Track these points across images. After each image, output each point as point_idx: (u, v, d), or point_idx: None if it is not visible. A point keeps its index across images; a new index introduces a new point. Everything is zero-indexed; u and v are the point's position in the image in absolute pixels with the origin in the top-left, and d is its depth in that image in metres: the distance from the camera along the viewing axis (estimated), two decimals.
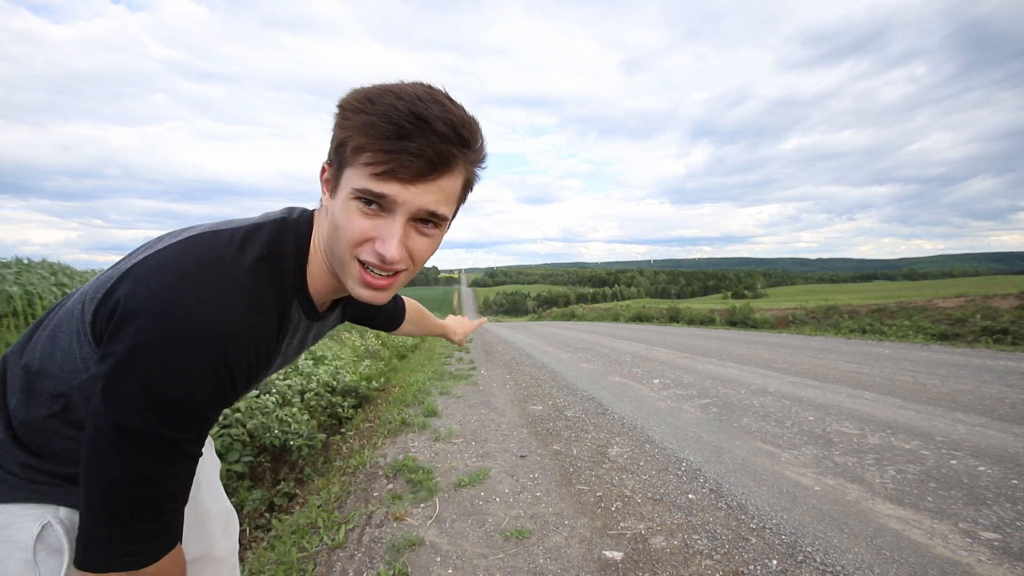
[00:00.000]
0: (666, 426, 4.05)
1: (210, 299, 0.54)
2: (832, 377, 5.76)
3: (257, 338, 0.59)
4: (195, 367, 0.53)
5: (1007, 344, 7.86)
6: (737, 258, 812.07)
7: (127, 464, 0.53)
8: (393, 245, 0.58)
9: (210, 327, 0.53)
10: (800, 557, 2.08)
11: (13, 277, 6.08)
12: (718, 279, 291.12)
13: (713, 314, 16.62)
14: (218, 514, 0.96)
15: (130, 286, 0.55)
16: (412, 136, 0.55)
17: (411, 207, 0.59)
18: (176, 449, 0.55)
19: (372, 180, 0.57)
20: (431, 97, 0.58)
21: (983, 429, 3.57)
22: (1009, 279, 39.69)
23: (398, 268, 0.62)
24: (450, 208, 0.63)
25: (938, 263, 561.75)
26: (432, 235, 0.64)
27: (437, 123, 0.56)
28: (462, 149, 0.60)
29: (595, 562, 2.13)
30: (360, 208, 0.58)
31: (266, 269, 0.62)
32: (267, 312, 0.61)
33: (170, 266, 0.56)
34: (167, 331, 0.51)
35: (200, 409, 0.55)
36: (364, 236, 0.59)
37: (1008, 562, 1.98)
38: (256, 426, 4.00)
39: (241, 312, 0.57)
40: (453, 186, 0.62)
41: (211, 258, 0.58)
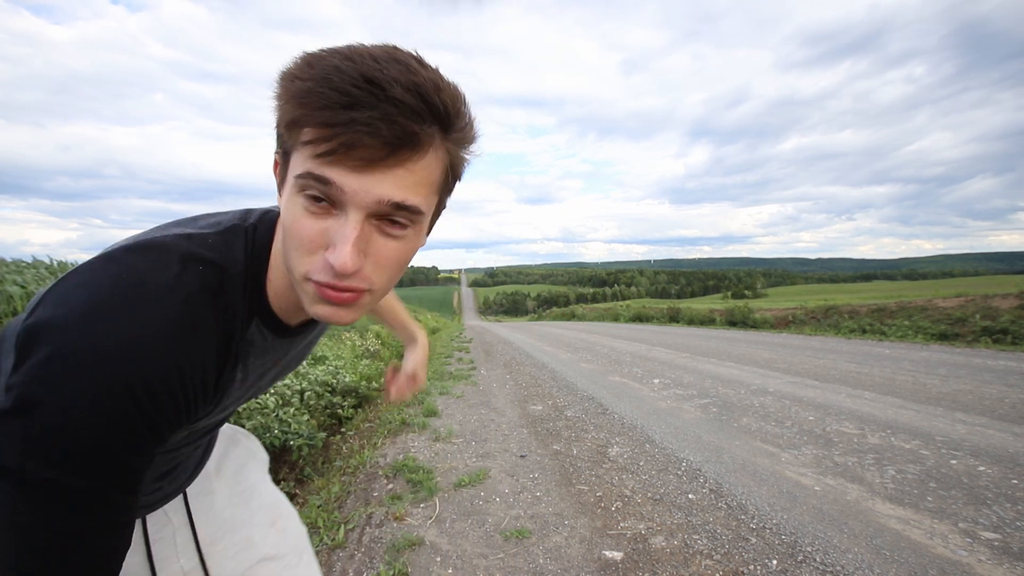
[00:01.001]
0: (666, 426, 4.05)
1: (127, 326, 0.43)
2: (832, 377, 5.76)
3: (186, 371, 0.46)
4: (104, 404, 0.41)
5: (1007, 344, 7.86)
6: (737, 258, 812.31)
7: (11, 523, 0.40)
8: (346, 251, 0.44)
9: (125, 358, 0.42)
10: (800, 557, 2.08)
11: (12, 277, 6.08)
12: (718, 279, 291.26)
13: (713, 314, 16.62)
14: (260, 508, 0.87)
15: (43, 309, 0.45)
16: (362, 105, 0.41)
17: (367, 199, 0.44)
18: (76, 503, 0.41)
19: (312, 160, 0.44)
20: (390, 56, 0.44)
21: (983, 429, 3.57)
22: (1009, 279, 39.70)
23: (355, 286, 0.48)
24: (424, 197, 0.47)
25: (938, 263, 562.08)
26: (402, 236, 0.48)
27: (395, 87, 0.42)
28: (432, 122, 0.45)
29: (595, 562, 2.13)
30: (306, 206, 0.45)
31: (206, 289, 0.50)
32: (203, 339, 0.48)
33: (88, 285, 0.45)
34: (72, 362, 0.41)
35: (111, 452, 0.42)
36: (313, 241, 0.46)
37: (1008, 562, 1.98)
38: (256, 426, 4.00)
39: (166, 342, 0.45)
40: (425, 170, 0.46)
41: (135, 276, 0.46)
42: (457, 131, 0.48)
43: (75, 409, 0.41)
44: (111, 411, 0.42)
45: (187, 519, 0.77)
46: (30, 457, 0.40)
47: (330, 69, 0.42)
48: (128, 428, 0.43)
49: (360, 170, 0.43)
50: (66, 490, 0.41)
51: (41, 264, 8.11)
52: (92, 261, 0.49)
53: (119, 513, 0.45)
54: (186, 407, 0.48)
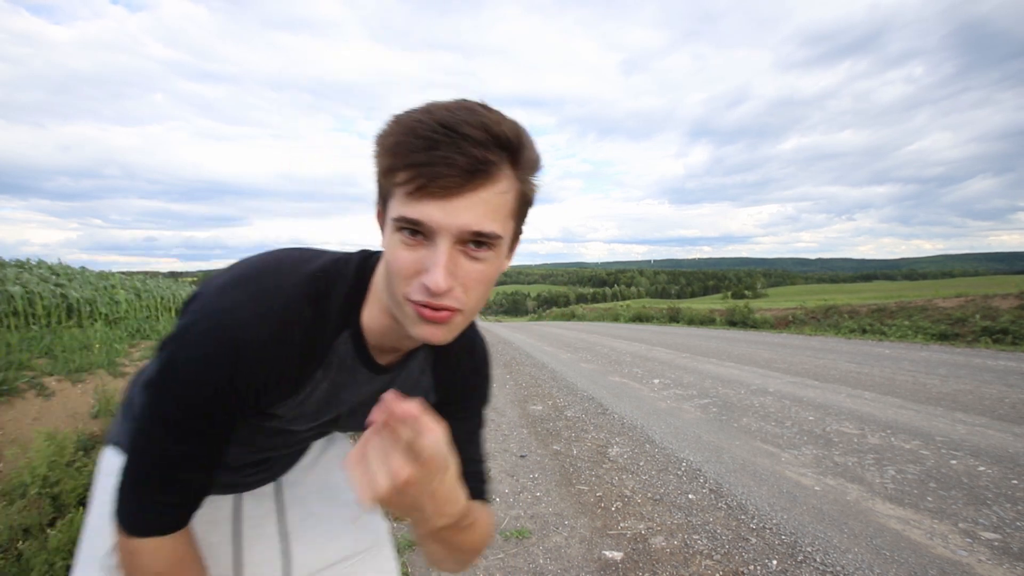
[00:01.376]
0: (666, 426, 4.05)
1: (243, 303, 0.58)
2: (832, 377, 5.76)
3: (270, 349, 0.58)
4: (203, 352, 0.56)
5: (1007, 344, 7.86)
6: (737, 258, 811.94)
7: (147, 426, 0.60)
8: (438, 273, 0.51)
9: (226, 323, 0.57)
10: (800, 557, 2.08)
11: (14, 277, 6.08)
12: (718, 279, 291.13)
13: (713, 314, 16.62)
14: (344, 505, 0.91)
15: (198, 287, 0.63)
16: (441, 146, 0.49)
17: (452, 228, 0.52)
18: (178, 423, 0.58)
19: (407, 204, 0.52)
20: (460, 106, 0.52)
21: (983, 429, 3.57)
22: (1009, 279, 39.68)
23: (448, 305, 0.54)
24: (500, 224, 0.54)
25: (938, 263, 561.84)
26: (484, 258, 0.55)
27: (465, 127, 0.50)
28: (501, 152, 0.52)
29: (595, 562, 2.13)
30: (403, 240, 0.54)
31: (313, 290, 0.61)
32: (293, 329, 0.59)
33: (231, 270, 0.63)
34: (199, 318, 0.58)
35: (202, 390, 0.57)
36: (409, 269, 0.54)
37: (1008, 562, 1.98)
38: None
39: (267, 321, 0.57)
40: (500, 199, 0.53)
41: (275, 267, 0.62)
42: (522, 159, 0.55)
43: (189, 355, 0.57)
44: (209, 361, 0.56)
45: (276, 506, 0.86)
46: (160, 385, 0.58)
47: (413, 123, 0.51)
48: (215, 377, 0.57)
49: (443, 199, 0.51)
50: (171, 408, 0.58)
51: (44, 265, 8.11)
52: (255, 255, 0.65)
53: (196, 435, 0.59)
54: (264, 377, 0.59)
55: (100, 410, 3.81)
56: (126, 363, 4.78)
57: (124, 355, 5.06)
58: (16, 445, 3.19)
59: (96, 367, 4.40)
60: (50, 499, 2.88)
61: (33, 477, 2.83)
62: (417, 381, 0.75)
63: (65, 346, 4.81)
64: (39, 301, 6.01)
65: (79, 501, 2.93)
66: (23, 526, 2.66)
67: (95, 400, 3.89)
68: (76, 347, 4.86)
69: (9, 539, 2.56)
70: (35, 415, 3.53)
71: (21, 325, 5.66)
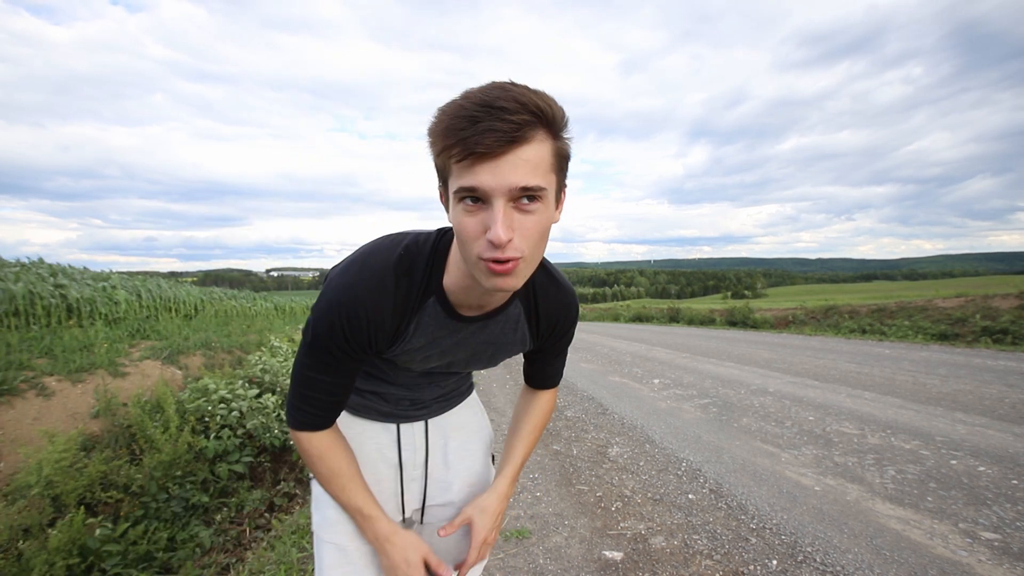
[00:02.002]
0: (666, 426, 4.05)
1: (353, 279, 0.78)
2: (832, 377, 5.76)
3: (370, 311, 0.78)
4: (330, 316, 0.78)
5: (1007, 344, 7.86)
6: (737, 258, 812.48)
7: (301, 361, 0.84)
8: (499, 228, 0.62)
9: (343, 295, 0.78)
10: (800, 557, 2.08)
11: (14, 277, 6.07)
12: (718, 279, 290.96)
13: (713, 314, 16.62)
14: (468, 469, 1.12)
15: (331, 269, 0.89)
16: (482, 119, 0.60)
17: (502, 188, 0.62)
18: (319, 361, 0.82)
19: (463, 175, 0.63)
20: (495, 86, 0.63)
21: (983, 429, 3.57)
22: (1009, 279, 39.66)
23: (511, 256, 0.65)
24: (543, 178, 0.64)
25: (938, 263, 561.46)
26: (535, 210, 0.66)
27: (501, 101, 0.60)
28: (532, 117, 0.62)
29: (595, 562, 2.13)
30: (464, 208, 0.65)
31: (401, 266, 0.79)
32: (385, 295, 0.78)
33: (359, 250, 0.83)
34: (327, 292, 0.80)
35: (331, 340, 0.80)
36: (475, 231, 0.65)
37: (1008, 562, 1.98)
38: (256, 426, 3.99)
39: (367, 290, 0.78)
40: (537, 155, 0.63)
41: (375, 250, 0.81)
42: (552, 121, 0.65)
43: (319, 318, 0.79)
44: (333, 321, 0.78)
45: (425, 442, 1.09)
46: (307, 335, 0.82)
47: (456, 108, 0.62)
48: (338, 331, 0.78)
49: (491, 162, 0.61)
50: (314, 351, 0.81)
51: (44, 265, 8.11)
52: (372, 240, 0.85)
53: (332, 371, 0.83)
54: (370, 334, 0.80)
55: (100, 410, 3.81)
56: (126, 363, 4.78)
57: (124, 355, 5.06)
58: (16, 445, 3.19)
59: (96, 367, 4.40)
60: (50, 499, 2.88)
61: (38, 478, 2.83)
62: (512, 331, 0.91)
63: (65, 346, 4.81)
64: (39, 301, 6.01)
65: (79, 501, 2.93)
66: (23, 526, 2.66)
67: (95, 400, 3.89)
68: (76, 347, 4.86)
69: (9, 539, 2.56)
70: (35, 415, 3.53)
71: (21, 325, 5.66)
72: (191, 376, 5.07)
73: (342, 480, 0.89)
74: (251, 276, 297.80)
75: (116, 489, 3.10)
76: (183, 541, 3.03)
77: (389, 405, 1.03)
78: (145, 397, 4.05)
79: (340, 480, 0.89)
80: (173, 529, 3.09)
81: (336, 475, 0.88)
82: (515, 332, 0.91)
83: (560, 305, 0.92)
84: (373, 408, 1.03)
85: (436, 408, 1.09)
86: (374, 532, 0.90)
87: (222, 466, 3.62)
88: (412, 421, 1.08)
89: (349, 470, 0.90)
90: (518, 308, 0.88)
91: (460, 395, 1.14)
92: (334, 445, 0.89)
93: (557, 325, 0.94)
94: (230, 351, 6.41)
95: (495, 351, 0.93)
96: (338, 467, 0.89)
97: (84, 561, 2.58)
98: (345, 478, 0.89)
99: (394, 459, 1.05)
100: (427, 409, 1.08)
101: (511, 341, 0.92)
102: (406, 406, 1.04)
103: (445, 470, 1.10)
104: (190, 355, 5.68)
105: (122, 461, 3.31)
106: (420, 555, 0.91)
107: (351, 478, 0.90)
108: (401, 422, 1.07)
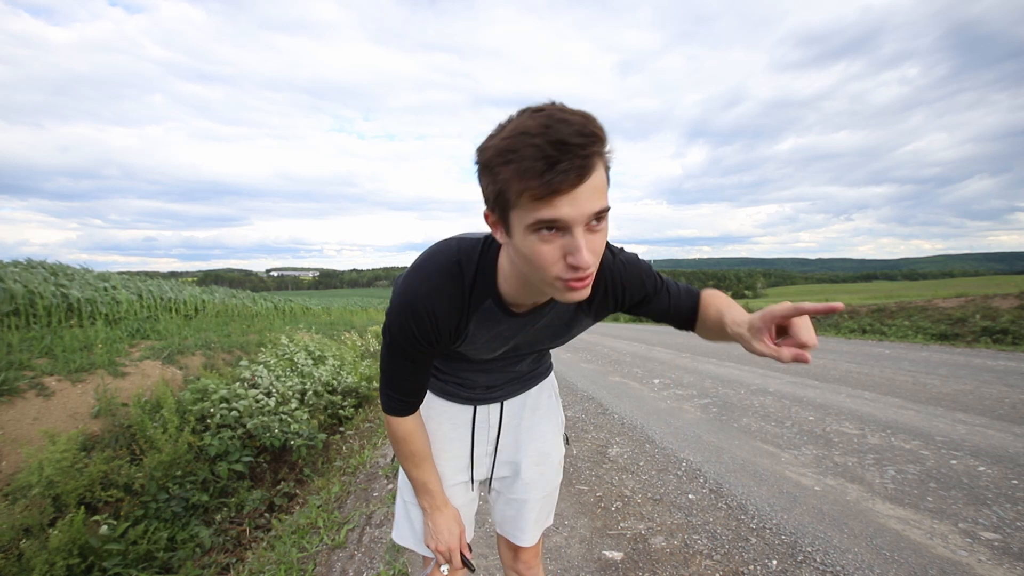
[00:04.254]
0: (666, 426, 4.05)
1: (415, 285, 0.88)
2: (832, 377, 5.76)
3: (431, 311, 0.87)
4: (399, 317, 0.89)
5: (1007, 344, 7.85)
6: (736, 258, 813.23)
7: (384, 356, 0.98)
8: (584, 255, 0.68)
9: (407, 299, 0.88)
10: (800, 557, 2.09)
11: (14, 276, 6.07)
12: (718, 279, 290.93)
13: None
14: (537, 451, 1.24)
15: (400, 275, 0.98)
16: (559, 159, 0.63)
17: (582, 218, 0.67)
18: (396, 355, 0.95)
19: (540, 208, 0.66)
20: (558, 118, 0.65)
21: (983, 429, 3.57)
22: (1009, 279, 39.65)
23: (589, 273, 0.72)
24: (606, 198, 0.70)
25: (938, 263, 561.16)
26: (602, 228, 0.72)
27: (573, 138, 0.63)
28: (597, 147, 0.66)
29: (595, 562, 2.13)
30: (540, 237, 0.69)
31: (454, 272, 0.88)
32: (443, 298, 0.87)
33: (418, 259, 0.93)
34: (396, 297, 0.91)
35: (403, 338, 0.90)
36: (552, 257, 0.70)
37: (1008, 562, 1.98)
38: (256, 426, 3.99)
39: (428, 294, 0.87)
40: (600, 179, 0.69)
41: (430, 258, 0.91)
42: (604, 143, 0.69)
43: (393, 318, 0.90)
44: (402, 323, 0.89)
45: (499, 421, 1.22)
46: (385, 336, 0.94)
47: (531, 150, 0.64)
48: (408, 330, 0.89)
49: (568, 198, 0.65)
50: (392, 348, 0.94)
51: (45, 265, 8.12)
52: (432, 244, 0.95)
53: (408, 363, 0.95)
54: (434, 331, 0.89)
55: (100, 410, 3.81)
56: (126, 363, 4.78)
57: (124, 355, 5.06)
58: (17, 445, 3.19)
59: (96, 367, 4.40)
60: (51, 499, 2.88)
61: (39, 478, 2.83)
62: (562, 314, 0.98)
63: (65, 346, 4.81)
64: (39, 301, 6.01)
65: (79, 501, 2.93)
66: (24, 526, 2.66)
67: (95, 400, 3.89)
68: (76, 347, 4.86)
69: (10, 539, 2.56)
70: (35, 415, 3.53)
71: (22, 325, 5.66)
72: (191, 376, 5.08)
73: (417, 459, 1.07)
74: (251, 276, 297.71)
75: (116, 489, 3.10)
76: (183, 541, 3.03)
77: (467, 390, 1.16)
78: (145, 397, 4.06)
79: (415, 459, 1.06)
80: (173, 529, 3.10)
81: (414, 455, 1.06)
82: (571, 315, 1.01)
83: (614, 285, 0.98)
84: (454, 394, 1.17)
85: (510, 390, 1.21)
86: (431, 502, 1.09)
87: (222, 466, 3.62)
88: (488, 403, 1.20)
89: (423, 452, 1.07)
90: None
91: (535, 378, 1.25)
92: (416, 431, 1.05)
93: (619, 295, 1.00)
94: (230, 351, 6.41)
95: (554, 333, 1.04)
96: (417, 449, 1.06)
97: (84, 561, 2.58)
98: (419, 458, 1.07)
99: (467, 436, 1.19)
100: (501, 391, 1.19)
101: (569, 322, 1.02)
102: (483, 390, 1.17)
103: (515, 449, 1.23)
104: (190, 355, 5.69)
105: (122, 461, 3.31)
106: (459, 528, 1.11)
107: (424, 458, 1.08)
108: (478, 404, 1.19)
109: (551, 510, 1.32)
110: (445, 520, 1.09)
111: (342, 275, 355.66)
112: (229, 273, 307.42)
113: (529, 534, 1.25)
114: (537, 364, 1.23)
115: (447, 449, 1.18)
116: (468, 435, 1.20)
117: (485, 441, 1.21)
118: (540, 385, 1.27)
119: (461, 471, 1.20)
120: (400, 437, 1.04)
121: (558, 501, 2.71)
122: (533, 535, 1.26)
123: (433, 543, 1.09)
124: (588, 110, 0.68)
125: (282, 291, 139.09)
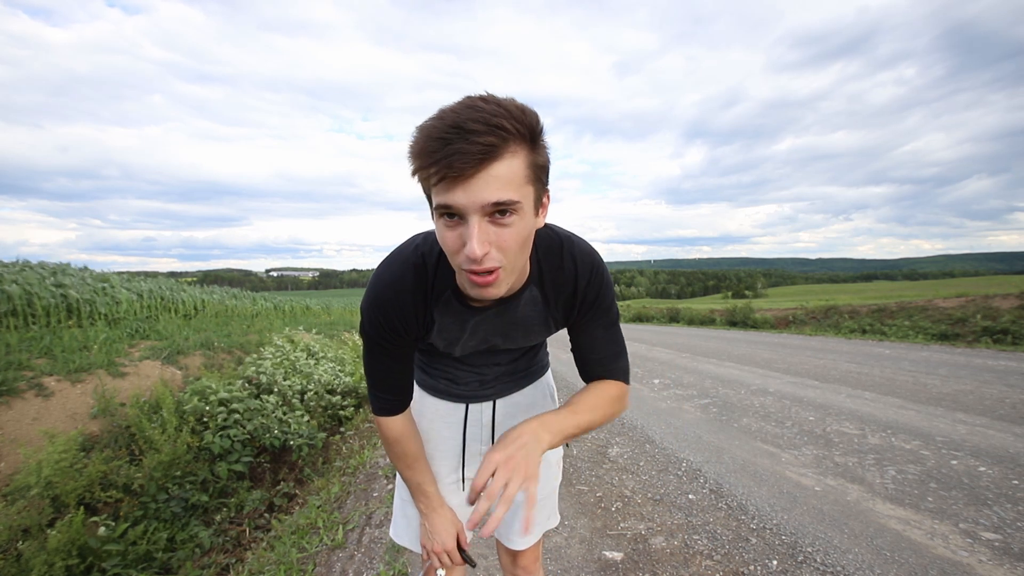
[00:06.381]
0: (666, 426, 4.04)
1: (382, 276, 0.89)
2: (832, 377, 5.76)
3: (395, 302, 0.88)
4: (369, 309, 0.90)
5: (1007, 344, 7.85)
6: (736, 258, 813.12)
7: (364, 355, 0.97)
8: (474, 244, 0.66)
9: (374, 291, 0.89)
10: (800, 557, 2.08)
11: (12, 277, 6.07)
12: (718, 279, 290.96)
13: (713, 314, 16.62)
14: None
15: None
16: (453, 142, 0.62)
17: (475, 206, 0.65)
18: (374, 350, 0.94)
19: (441, 194, 0.66)
20: (468, 105, 0.65)
21: (984, 429, 3.57)
22: (1009, 279, 39.65)
23: (490, 266, 0.69)
24: (516, 192, 0.67)
25: (938, 263, 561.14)
26: (511, 223, 0.68)
27: (471, 123, 0.63)
28: (502, 134, 0.64)
29: (595, 562, 2.13)
30: (444, 223, 0.69)
31: (417, 264, 0.88)
32: (407, 289, 0.88)
33: (384, 258, 0.93)
34: (367, 292, 0.91)
35: (373, 329, 0.91)
36: (455, 245, 0.69)
37: (1009, 562, 1.97)
38: (256, 427, 3.99)
39: (391, 284, 0.88)
40: (510, 170, 0.66)
41: (397, 251, 0.91)
42: (523, 134, 0.66)
43: (364, 310, 0.91)
44: (370, 314, 0.90)
45: (492, 420, 1.19)
46: (362, 331, 0.93)
47: (430, 128, 0.65)
48: (375, 321, 0.90)
49: (464, 183, 0.64)
50: (368, 343, 0.94)
51: (44, 265, 8.11)
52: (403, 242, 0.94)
53: (385, 357, 0.95)
54: (401, 320, 0.90)
55: (99, 410, 3.81)
56: (125, 363, 4.78)
57: (124, 355, 5.05)
58: (16, 445, 3.19)
59: (95, 367, 4.39)
60: (50, 500, 2.87)
61: (38, 478, 2.82)
62: (529, 312, 0.95)
63: (65, 346, 4.81)
64: (38, 301, 6.00)
65: (79, 502, 2.93)
66: (23, 526, 2.65)
67: (94, 400, 3.88)
68: (75, 347, 4.86)
69: (9, 539, 2.56)
70: (35, 415, 3.53)
71: (21, 325, 5.65)
72: (191, 376, 5.07)
73: (409, 460, 1.06)
74: (250, 276, 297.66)
75: (115, 489, 3.09)
76: (183, 541, 3.03)
77: (458, 387, 1.14)
78: (144, 397, 4.05)
79: (408, 460, 1.06)
80: (173, 529, 3.09)
81: (406, 456, 1.05)
82: (532, 311, 0.96)
83: (565, 272, 0.91)
84: (445, 391, 1.15)
85: (502, 388, 1.18)
86: (427, 504, 1.08)
87: (222, 466, 3.61)
88: (480, 401, 1.17)
89: (416, 453, 1.06)
90: (534, 291, 0.92)
91: (528, 376, 1.21)
92: (407, 432, 1.04)
93: (575, 292, 0.93)
94: (230, 351, 6.41)
95: (526, 330, 1.00)
96: (409, 451, 1.05)
97: (83, 561, 2.57)
98: (411, 459, 1.06)
99: (459, 436, 1.17)
100: (493, 389, 1.16)
101: (539, 319, 0.98)
102: (475, 387, 1.15)
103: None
104: (190, 355, 5.68)
105: (121, 461, 3.31)
106: (456, 528, 1.10)
107: (416, 460, 1.07)
108: (470, 402, 1.17)
109: (551, 512, 1.28)
110: (441, 521, 1.08)
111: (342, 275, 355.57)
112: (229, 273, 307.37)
113: (525, 538, 1.21)
114: (530, 363, 1.20)
115: (441, 448, 1.16)
116: (460, 435, 1.18)
117: (478, 440, 1.19)
118: (534, 384, 1.23)
119: (455, 470, 1.19)
120: (391, 439, 1.03)
121: (558, 501, 2.71)
122: (529, 539, 1.22)
123: (429, 544, 1.08)
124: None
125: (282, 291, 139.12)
